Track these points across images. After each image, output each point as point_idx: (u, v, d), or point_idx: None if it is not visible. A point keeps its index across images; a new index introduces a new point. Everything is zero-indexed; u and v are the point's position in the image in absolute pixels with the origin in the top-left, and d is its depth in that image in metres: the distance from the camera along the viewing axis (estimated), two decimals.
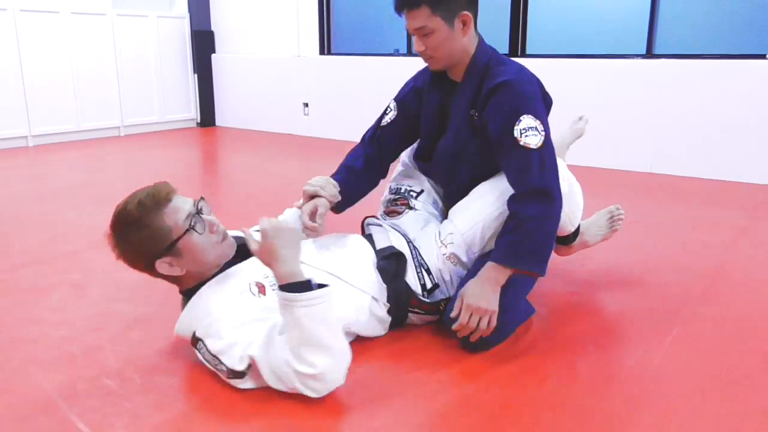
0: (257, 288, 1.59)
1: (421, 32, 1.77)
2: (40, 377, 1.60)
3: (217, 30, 6.55)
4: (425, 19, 1.74)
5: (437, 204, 2.09)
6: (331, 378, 1.42)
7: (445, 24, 1.76)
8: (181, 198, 1.60)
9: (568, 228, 2.03)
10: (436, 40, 1.77)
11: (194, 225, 1.56)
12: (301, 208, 1.88)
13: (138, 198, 1.54)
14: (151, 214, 1.53)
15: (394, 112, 2.02)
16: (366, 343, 1.76)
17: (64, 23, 5.50)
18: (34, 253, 2.61)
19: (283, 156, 5.07)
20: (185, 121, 6.61)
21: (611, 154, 4.31)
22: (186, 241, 1.56)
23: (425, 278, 1.82)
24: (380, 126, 2.05)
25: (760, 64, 3.78)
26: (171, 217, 1.54)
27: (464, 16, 1.77)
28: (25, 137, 5.38)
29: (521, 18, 4.72)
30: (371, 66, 5.44)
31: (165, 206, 1.54)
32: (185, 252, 1.57)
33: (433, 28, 1.75)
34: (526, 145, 1.71)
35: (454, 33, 1.78)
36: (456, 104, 1.88)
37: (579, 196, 2.03)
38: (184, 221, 1.55)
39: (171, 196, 1.57)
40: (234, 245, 1.68)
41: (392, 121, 2.02)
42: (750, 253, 2.57)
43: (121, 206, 1.56)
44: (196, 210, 1.60)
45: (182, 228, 1.55)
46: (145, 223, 1.53)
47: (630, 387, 1.56)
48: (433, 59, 1.83)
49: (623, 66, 4.23)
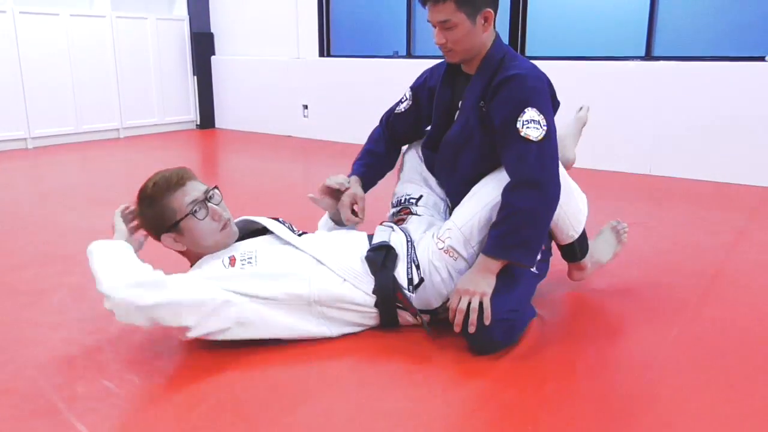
0: (229, 261, 1.74)
1: (444, 25, 1.82)
2: (39, 379, 1.60)
3: (217, 32, 6.56)
4: (450, 14, 1.79)
5: (438, 206, 2.11)
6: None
7: (468, 19, 1.80)
8: (195, 184, 1.78)
9: (570, 233, 2.00)
10: (457, 34, 1.82)
11: (196, 211, 1.74)
12: (341, 206, 2.05)
13: (155, 179, 1.77)
14: (162, 195, 1.74)
15: (409, 101, 2.14)
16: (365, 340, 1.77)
17: (64, 25, 5.50)
18: (33, 255, 2.60)
19: (283, 158, 5.07)
20: (185, 123, 6.61)
21: (610, 156, 4.31)
22: (187, 223, 1.74)
23: (413, 273, 1.82)
24: (394, 112, 2.18)
25: (758, 66, 3.79)
26: (179, 199, 1.74)
27: (487, 12, 1.82)
28: (24, 139, 5.38)
29: (520, 20, 4.72)
30: (371, 68, 5.44)
31: (176, 189, 1.74)
32: (186, 232, 1.76)
33: (456, 22, 1.80)
34: (527, 136, 1.74)
35: (475, 29, 1.82)
36: (467, 95, 1.91)
37: (582, 202, 2.03)
38: (188, 205, 1.74)
39: (184, 181, 1.76)
40: (235, 235, 1.84)
41: (406, 110, 2.14)
42: (749, 255, 2.57)
43: (144, 184, 1.78)
44: (204, 197, 1.76)
45: (185, 211, 1.73)
46: (156, 202, 1.75)
47: (630, 388, 1.56)
48: (452, 52, 1.88)
49: (622, 68, 4.24)
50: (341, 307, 1.78)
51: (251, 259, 1.74)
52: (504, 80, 1.79)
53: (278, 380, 1.60)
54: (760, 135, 3.79)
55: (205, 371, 1.63)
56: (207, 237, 1.77)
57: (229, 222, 1.83)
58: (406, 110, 2.14)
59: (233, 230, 1.84)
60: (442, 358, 1.71)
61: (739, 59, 3.91)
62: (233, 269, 1.72)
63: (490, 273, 1.73)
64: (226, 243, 1.81)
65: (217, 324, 1.65)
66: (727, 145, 3.91)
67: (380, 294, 1.79)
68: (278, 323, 1.72)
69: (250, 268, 1.72)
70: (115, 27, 5.85)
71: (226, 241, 1.81)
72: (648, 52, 4.29)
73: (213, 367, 1.65)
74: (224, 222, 1.80)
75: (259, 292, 1.70)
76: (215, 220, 1.77)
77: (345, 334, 1.81)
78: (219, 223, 1.78)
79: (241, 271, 1.71)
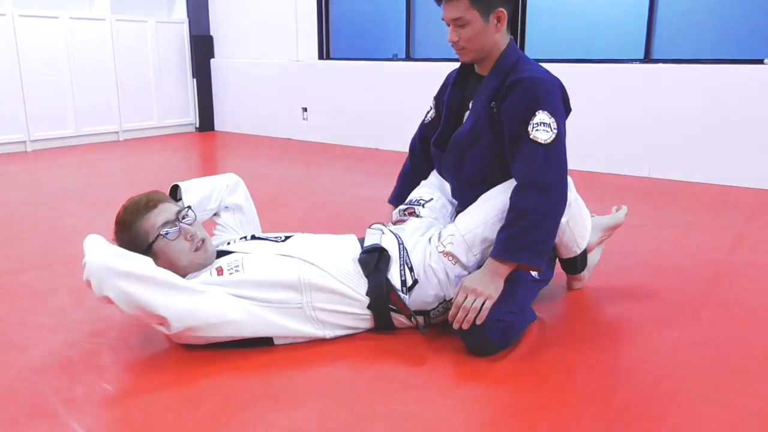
0: (216, 271, 1.75)
1: (457, 23, 1.84)
2: (38, 382, 1.60)
3: (216, 35, 6.57)
4: (463, 11, 1.81)
5: (446, 208, 2.12)
6: None
7: (481, 18, 1.82)
8: (167, 206, 1.79)
9: (573, 249, 2.01)
10: (470, 32, 1.84)
11: (166, 233, 1.75)
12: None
13: (126, 204, 1.80)
14: (133, 218, 1.76)
15: (433, 111, 2.20)
16: (361, 342, 1.77)
17: (63, 28, 5.50)
18: (32, 258, 2.60)
19: (282, 160, 5.07)
20: (184, 125, 6.61)
21: (610, 158, 4.31)
22: (159, 244, 1.75)
23: (407, 275, 1.82)
24: (423, 123, 2.26)
25: (757, 69, 3.79)
26: (150, 221, 1.75)
27: (500, 12, 1.84)
28: (23, 142, 5.38)
29: (520, 23, 4.73)
30: (370, 71, 5.44)
31: (147, 212, 1.76)
32: (160, 254, 1.75)
33: (469, 20, 1.82)
34: (536, 138, 1.74)
35: (488, 27, 1.84)
36: (479, 95, 1.92)
37: (588, 219, 2.03)
38: (159, 227, 1.75)
39: (154, 203, 1.78)
40: (213, 254, 1.84)
41: (432, 119, 2.20)
42: (748, 257, 2.57)
43: (118, 211, 1.80)
44: (176, 218, 1.78)
45: (156, 233, 1.75)
46: (128, 226, 1.76)
47: (630, 390, 1.56)
48: (465, 50, 1.89)
49: (622, 71, 4.24)
50: (335, 310, 1.77)
51: (238, 267, 1.74)
52: (516, 82, 1.80)
53: (275, 384, 1.60)
54: (759, 137, 3.80)
55: (202, 375, 1.63)
56: (181, 257, 1.77)
57: (205, 241, 1.81)
58: (431, 120, 2.20)
59: (210, 249, 1.82)
60: (439, 360, 1.71)
61: (737, 62, 3.92)
62: (221, 277, 1.72)
63: (498, 277, 1.73)
64: (202, 263, 1.80)
65: (204, 316, 1.63)
66: (726, 148, 3.91)
67: (374, 295, 1.78)
68: (271, 322, 1.72)
69: (238, 275, 1.72)
70: (114, 30, 5.86)
71: (203, 261, 1.80)
72: (647, 54, 4.30)
73: (210, 371, 1.65)
74: (198, 241, 1.79)
75: (250, 296, 1.70)
76: (188, 240, 1.77)
77: (340, 336, 1.81)
78: (192, 243, 1.78)
79: (230, 278, 1.71)
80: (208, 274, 1.75)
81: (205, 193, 2.05)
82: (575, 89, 4.20)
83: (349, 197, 3.74)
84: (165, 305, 1.58)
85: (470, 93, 1.99)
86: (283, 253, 1.80)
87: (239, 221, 2.12)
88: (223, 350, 1.72)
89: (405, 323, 1.84)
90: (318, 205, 3.58)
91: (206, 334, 1.67)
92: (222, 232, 2.09)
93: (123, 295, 1.55)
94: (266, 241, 1.90)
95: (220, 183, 2.11)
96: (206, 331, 1.66)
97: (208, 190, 2.06)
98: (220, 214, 2.11)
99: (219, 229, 2.10)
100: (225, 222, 2.10)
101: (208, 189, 2.06)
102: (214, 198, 2.07)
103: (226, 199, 2.10)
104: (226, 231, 2.09)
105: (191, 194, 2.01)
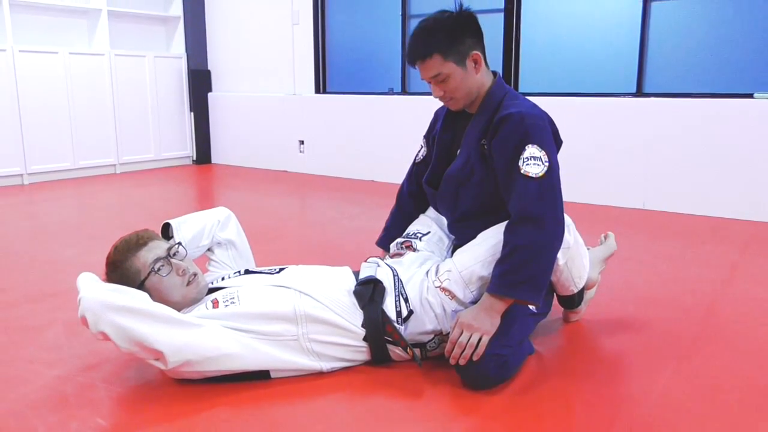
0: (212, 304, 1.75)
1: (437, 79, 1.86)
2: (32, 418, 1.58)
3: (214, 69, 6.64)
4: (439, 67, 1.83)
5: (442, 242, 2.13)
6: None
7: (458, 67, 1.84)
8: (157, 243, 1.81)
9: (570, 288, 2.01)
10: (452, 84, 1.85)
11: (158, 269, 1.76)
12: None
13: (116, 244, 1.81)
14: (124, 257, 1.77)
15: (424, 149, 2.20)
16: (357, 375, 1.76)
17: (63, 63, 5.56)
18: (28, 292, 2.60)
19: (279, 193, 5.09)
20: (181, 158, 6.65)
21: (604, 191, 4.35)
22: (151, 281, 1.76)
23: (402, 305, 1.82)
24: (415, 162, 2.25)
25: (747, 102, 3.85)
26: (141, 259, 1.76)
27: (474, 55, 1.86)
28: (20, 175, 5.39)
29: (513, 56, 4.81)
30: (366, 104, 5.51)
31: (138, 250, 1.77)
32: (153, 291, 1.75)
33: (447, 73, 1.83)
34: (527, 173, 1.75)
35: (467, 73, 1.86)
36: (469, 133, 1.94)
37: (586, 258, 2.03)
38: (150, 264, 1.76)
39: (145, 241, 1.79)
40: (205, 288, 1.85)
41: (424, 157, 2.20)
42: (743, 289, 2.58)
43: (108, 252, 1.81)
44: (167, 254, 1.79)
45: (148, 269, 1.75)
46: (120, 265, 1.77)
47: (626, 424, 1.55)
48: (453, 100, 1.92)
49: (614, 104, 4.30)
50: (330, 342, 1.76)
51: (234, 299, 1.74)
52: (504, 117, 1.81)
53: (271, 417, 1.59)
54: (750, 170, 3.84)
55: (198, 410, 1.62)
56: (174, 292, 1.77)
57: (197, 275, 1.83)
58: (423, 157, 2.20)
59: (202, 284, 1.84)
60: (436, 393, 1.70)
61: (728, 96, 3.97)
62: (217, 310, 1.72)
63: (495, 312, 1.72)
64: (195, 297, 1.81)
65: (201, 350, 1.62)
66: (719, 180, 3.95)
67: (369, 327, 1.78)
68: (268, 354, 1.71)
69: (234, 307, 1.72)
70: (113, 64, 5.92)
71: (195, 295, 1.81)
72: (639, 88, 4.36)
73: (205, 405, 1.64)
74: (190, 275, 1.80)
75: (246, 329, 1.70)
76: (180, 275, 1.78)
77: (336, 368, 1.81)
78: (184, 278, 1.79)
79: (226, 310, 1.71)
80: (203, 307, 1.75)
81: (197, 229, 2.05)
82: (569, 122, 4.27)
83: (345, 229, 3.75)
84: (162, 339, 1.57)
85: (460, 130, 2.00)
86: (278, 284, 1.81)
87: (232, 256, 2.12)
88: (218, 384, 1.71)
89: (401, 356, 1.84)
90: (313, 237, 3.59)
91: (203, 368, 1.66)
92: (216, 269, 2.09)
93: (120, 330, 1.54)
94: (260, 275, 1.90)
95: (211, 218, 2.11)
96: (203, 365, 1.65)
97: (199, 226, 2.06)
98: (213, 250, 2.11)
99: (213, 265, 2.10)
100: (219, 258, 2.11)
101: (200, 225, 2.07)
102: (206, 234, 2.07)
103: (218, 235, 2.10)
104: (219, 267, 2.09)
105: (183, 232, 2.01)
